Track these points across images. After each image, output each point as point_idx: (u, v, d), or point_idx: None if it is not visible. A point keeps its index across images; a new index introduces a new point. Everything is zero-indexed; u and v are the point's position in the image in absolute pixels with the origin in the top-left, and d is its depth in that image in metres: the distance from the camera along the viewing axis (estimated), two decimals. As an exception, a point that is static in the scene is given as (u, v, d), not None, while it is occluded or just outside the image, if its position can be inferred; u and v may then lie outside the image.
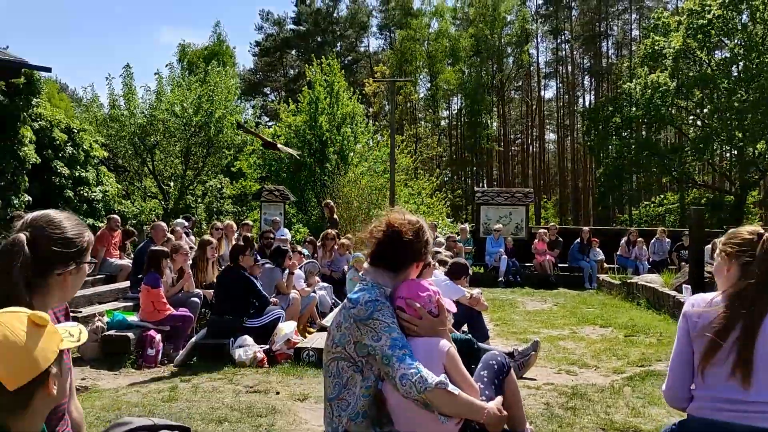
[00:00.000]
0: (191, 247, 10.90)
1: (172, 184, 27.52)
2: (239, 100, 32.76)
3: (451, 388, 2.67)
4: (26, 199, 14.75)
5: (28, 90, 14.81)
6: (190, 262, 9.48)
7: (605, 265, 17.23)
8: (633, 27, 58.02)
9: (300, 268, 10.23)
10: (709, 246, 15.68)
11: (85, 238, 2.22)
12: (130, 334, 7.83)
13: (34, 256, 2.03)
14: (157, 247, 8.66)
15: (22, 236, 2.05)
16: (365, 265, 3.11)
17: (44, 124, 16.93)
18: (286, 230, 16.46)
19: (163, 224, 11.20)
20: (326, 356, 2.98)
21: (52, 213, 2.19)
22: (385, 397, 2.88)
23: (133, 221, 24.73)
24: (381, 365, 2.77)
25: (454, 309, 3.14)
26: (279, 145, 18.08)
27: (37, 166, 15.50)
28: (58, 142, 17.24)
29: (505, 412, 2.82)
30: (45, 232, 2.10)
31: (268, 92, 62.59)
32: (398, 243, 3.01)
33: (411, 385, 2.65)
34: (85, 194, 18.11)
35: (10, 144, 14.19)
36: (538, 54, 61.04)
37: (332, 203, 16.45)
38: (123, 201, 24.81)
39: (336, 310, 9.82)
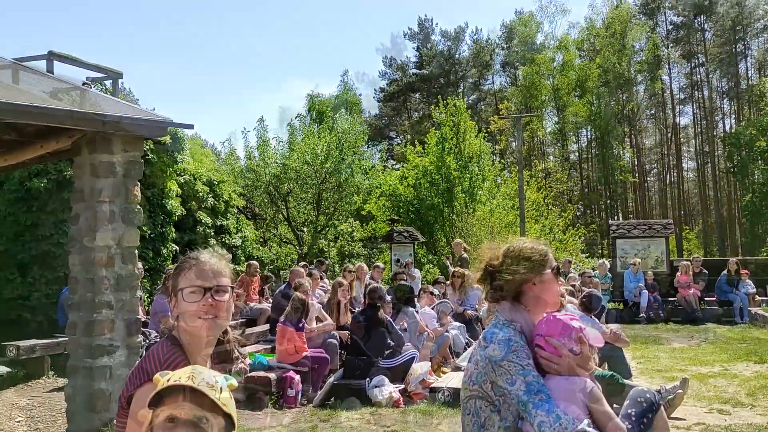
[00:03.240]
0: (325, 291, 11.23)
1: (305, 229, 28.37)
2: (367, 146, 33.47)
3: None
4: (173, 248, 15.69)
5: (173, 147, 15.91)
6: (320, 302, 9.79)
7: (757, 297, 16.04)
8: (774, 45, 54.75)
9: (432, 308, 10.27)
10: None
11: None
12: (272, 375, 8.10)
13: None
14: (303, 296, 8.91)
15: None
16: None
17: (188, 178, 18.01)
18: (417, 271, 16.57)
19: (300, 269, 11.56)
20: (463, 393, 2.91)
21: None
22: None
23: (270, 266, 25.66)
24: (519, 409, 2.68)
25: (600, 343, 2.96)
26: None
27: (183, 216, 16.53)
28: (200, 194, 18.29)
29: None
30: None
31: (394, 136, 63.62)
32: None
33: None
34: (227, 241, 19.04)
35: (158, 198, 15.25)
36: (671, 80, 58.61)
37: (462, 242, 16.43)
38: (260, 247, 25.82)
39: (470, 348, 9.75)
